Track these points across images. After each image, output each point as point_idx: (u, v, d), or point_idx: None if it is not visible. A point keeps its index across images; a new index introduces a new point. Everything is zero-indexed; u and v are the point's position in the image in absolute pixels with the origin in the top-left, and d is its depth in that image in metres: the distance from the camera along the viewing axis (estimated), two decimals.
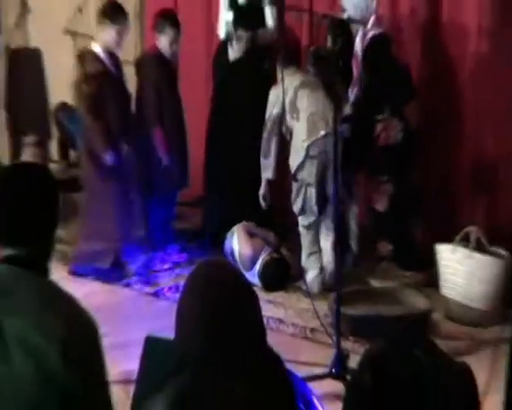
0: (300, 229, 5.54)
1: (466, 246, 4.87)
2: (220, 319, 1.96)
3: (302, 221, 5.53)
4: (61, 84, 8.60)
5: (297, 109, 5.47)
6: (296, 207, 5.52)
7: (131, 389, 2.73)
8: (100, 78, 5.80)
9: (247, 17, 6.12)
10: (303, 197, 5.48)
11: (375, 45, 5.53)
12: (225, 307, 1.97)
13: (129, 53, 7.92)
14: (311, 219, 5.49)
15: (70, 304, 2.20)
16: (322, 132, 5.30)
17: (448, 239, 4.99)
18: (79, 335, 2.13)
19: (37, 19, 8.58)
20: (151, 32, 7.65)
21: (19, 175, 2.32)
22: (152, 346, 2.72)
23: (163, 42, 6.09)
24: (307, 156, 5.40)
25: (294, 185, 5.53)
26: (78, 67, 5.93)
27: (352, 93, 5.62)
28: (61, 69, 8.59)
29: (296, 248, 5.63)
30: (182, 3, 7.51)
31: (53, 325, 2.09)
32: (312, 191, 5.43)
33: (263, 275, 5.54)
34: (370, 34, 5.57)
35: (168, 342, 2.64)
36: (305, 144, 5.41)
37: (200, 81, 7.20)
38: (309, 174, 5.43)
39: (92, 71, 5.80)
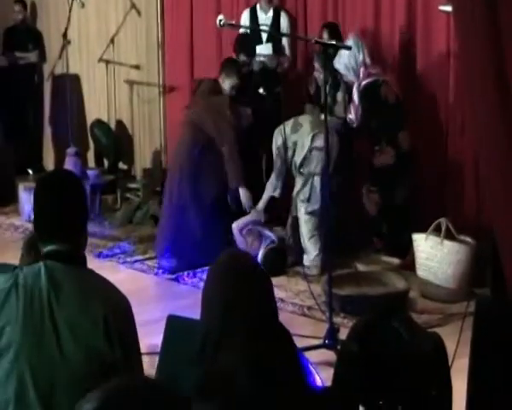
0: (304, 216, 5.44)
1: (438, 235, 4.84)
2: (240, 302, 1.94)
3: (307, 208, 5.43)
4: (95, 104, 8.62)
5: (299, 123, 5.45)
6: (303, 197, 5.42)
7: (155, 360, 2.70)
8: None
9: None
10: (310, 187, 5.40)
11: (368, 94, 5.42)
12: (244, 291, 1.95)
13: (153, 76, 7.96)
14: (316, 206, 5.42)
15: (107, 289, 2.19)
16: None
17: (422, 229, 4.95)
18: (117, 314, 2.12)
19: (76, 49, 8.58)
20: (172, 62, 7.71)
21: (55, 181, 2.31)
22: (173, 324, 2.69)
23: (227, 85, 5.73)
24: (312, 148, 5.33)
25: (300, 178, 5.44)
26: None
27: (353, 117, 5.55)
28: (95, 91, 8.60)
29: (294, 235, 5.57)
30: (196, 38, 7.45)
31: (95, 309, 2.09)
32: (318, 180, 5.37)
33: (264, 265, 5.47)
34: (363, 84, 5.46)
35: (187, 321, 2.62)
36: (310, 136, 5.35)
37: None
38: (315, 165, 5.35)
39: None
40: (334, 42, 4.77)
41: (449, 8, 4.83)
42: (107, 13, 8.34)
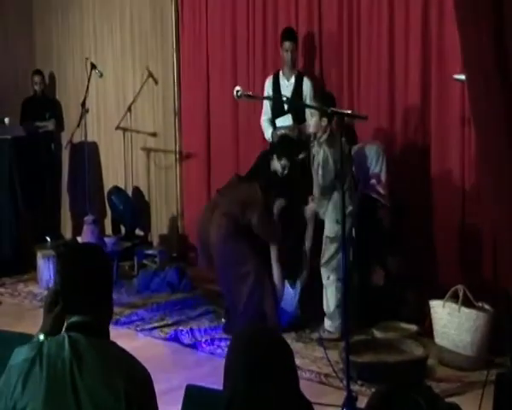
0: (335, 283, 5.41)
1: (455, 302, 4.84)
2: (261, 371, 1.97)
3: (334, 275, 5.41)
4: (113, 171, 8.76)
5: None
6: (331, 267, 5.42)
7: None
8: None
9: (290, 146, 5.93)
10: (338, 257, 5.33)
11: (365, 211, 5.53)
12: (266, 361, 1.99)
13: (169, 143, 8.10)
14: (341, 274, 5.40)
15: (129, 361, 2.24)
16: None
17: (439, 295, 4.96)
18: (139, 387, 2.16)
19: (94, 118, 8.76)
20: (188, 130, 7.85)
21: (81, 254, 2.38)
22: (192, 394, 2.71)
23: (277, 166, 5.75)
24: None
25: (331, 247, 5.42)
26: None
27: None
28: (113, 159, 8.75)
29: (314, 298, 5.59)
30: (213, 106, 7.58)
31: (117, 382, 2.13)
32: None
33: None
34: (365, 193, 5.58)
35: (206, 391, 2.65)
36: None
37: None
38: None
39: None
40: (349, 111, 4.84)
41: (463, 77, 4.92)
42: (125, 82, 8.54)
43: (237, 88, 5.00)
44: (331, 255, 5.42)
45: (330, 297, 5.44)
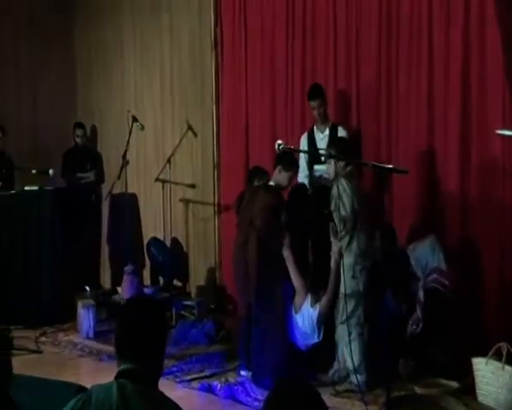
0: (356, 338, 5.37)
1: (498, 359, 4.77)
2: None
3: (355, 332, 5.38)
4: (152, 222, 8.85)
5: None
6: (353, 323, 5.38)
7: None
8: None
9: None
10: (357, 313, 5.38)
11: (433, 300, 5.52)
12: None
13: (208, 195, 8.19)
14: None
15: (174, 409, 2.28)
16: None
17: (482, 352, 4.89)
18: None
19: (134, 169, 8.90)
20: (226, 182, 7.93)
21: (142, 305, 2.48)
22: None
23: (284, 178, 5.76)
24: None
25: (350, 303, 5.35)
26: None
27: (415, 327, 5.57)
28: (152, 210, 8.85)
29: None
30: (252, 159, 7.64)
31: None
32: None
33: None
34: (430, 287, 5.56)
35: None
36: None
37: None
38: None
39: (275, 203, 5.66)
40: (391, 166, 4.85)
41: (507, 133, 4.91)
42: (164, 134, 8.69)
43: (279, 141, 5.06)
44: (351, 312, 5.33)
45: (354, 353, 5.35)
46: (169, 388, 5.37)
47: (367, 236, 5.36)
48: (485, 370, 4.81)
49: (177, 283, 8.35)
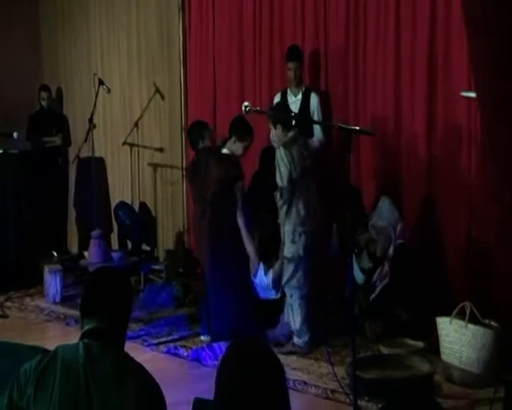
0: (298, 300, 5.51)
1: (462, 319, 4.82)
2: (252, 388, 1.98)
3: (296, 294, 5.50)
4: (119, 187, 8.78)
5: None
6: (293, 286, 5.49)
7: None
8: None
9: None
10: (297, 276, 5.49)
11: (401, 255, 5.61)
12: (256, 377, 2.00)
13: (176, 159, 8.13)
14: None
15: (140, 371, 2.31)
16: None
17: (446, 312, 4.95)
18: (149, 396, 2.23)
19: (101, 133, 8.80)
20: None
21: (106, 270, 2.64)
22: (199, 406, 2.70)
23: (239, 147, 5.77)
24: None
25: (289, 267, 5.50)
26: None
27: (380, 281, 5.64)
28: (120, 174, 8.78)
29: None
30: (219, 122, 7.57)
31: (128, 389, 2.20)
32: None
33: None
34: (399, 242, 5.63)
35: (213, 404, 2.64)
36: None
37: None
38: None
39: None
40: (358, 127, 4.85)
41: (471, 94, 4.93)
42: (132, 97, 8.59)
43: (246, 103, 5.03)
44: (290, 275, 5.47)
45: (296, 315, 5.50)
46: (136, 351, 5.34)
47: (307, 203, 5.44)
48: (448, 329, 4.86)
49: (145, 247, 8.32)
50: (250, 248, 5.73)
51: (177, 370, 5.34)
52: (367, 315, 5.65)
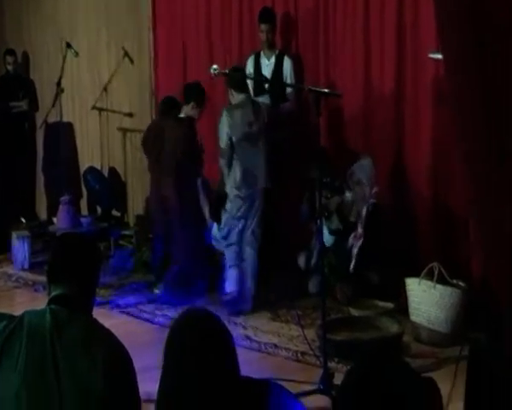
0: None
1: (430, 279, 4.87)
2: (197, 361, 1.97)
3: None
4: (88, 152, 8.67)
5: None
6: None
7: (149, 408, 2.69)
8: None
9: None
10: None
11: (374, 215, 5.61)
12: (201, 352, 1.99)
13: (145, 124, 8.03)
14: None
15: (108, 337, 2.29)
16: None
17: (415, 273, 4.97)
18: (118, 363, 2.22)
19: (69, 97, 8.66)
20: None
21: (72, 235, 2.64)
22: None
23: (197, 113, 6.00)
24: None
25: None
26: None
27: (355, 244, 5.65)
28: (88, 139, 8.66)
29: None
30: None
31: (96, 354, 2.18)
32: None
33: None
34: (371, 203, 5.62)
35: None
36: None
37: None
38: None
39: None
40: (326, 90, 4.82)
41: (438, 56, 4.91)
42: (100, 61, 8.44)
43: (214, 66, 4.98)
44: (226, 235, 5.69)
45: (231, 278, 5.67)
46: (106, 316, 5.32)
47: (245, 168, 5.57)
48: (417, 290, 4.91)
49: (115, 212, 8.25)
50: (205, 209, 6.01)
51: (147, 334, 5.32)
52: (337, 278, 5.67)
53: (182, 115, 5.97)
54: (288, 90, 6.34)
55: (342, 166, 5.93)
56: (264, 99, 6.29)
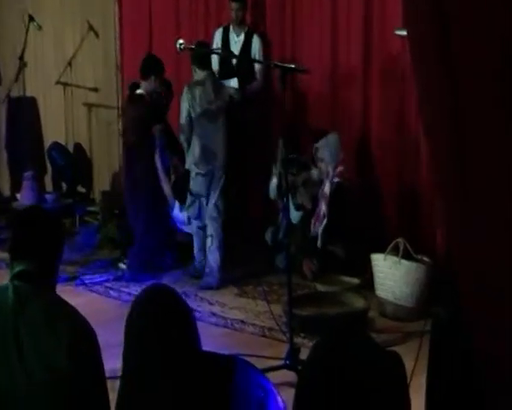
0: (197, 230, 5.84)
1: (395, 255, 4.91)
2: (159, 339, 1.96)
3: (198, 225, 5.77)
4: (53, 127, 8.56)
5: None
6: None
7: (114, 384, 2.68)
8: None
9: None
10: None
11: (338, 194, 5.62)
12: (163, 329, 1.98)
13: (111, 99, 7.95)
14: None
15: (72, 313, 2.26)
16: None
17: (380, 249, 5.01)
18: (82, 339, 2.19)
19: (33, 72, 8.53)
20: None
21: (34, 210, 2.53)
22: None
23: (158, 85, 6.00)
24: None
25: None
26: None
27: (320, 223, 5.66)
28: (53, 114, 8.55)
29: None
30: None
31: (60, 330, 2.15)
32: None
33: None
34: (336, 181, 5.63)
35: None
36: None
37: None
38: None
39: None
40: (292, 65, 4.81)
41: (404, 33, 4.92)
42: (65, 35, 8.33)
43: (180, 41, 4.92)
44: (191, 212, 5.78)
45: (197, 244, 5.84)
46: (71, 293, 5.28)
47: (204, 145, 5.59)
48: (383, 265, 4.94)
49: (80, 189, 8.18)
50: (166, 188, 5.93)
51: (113, 311, 5.29)
52: (304, 254, 5.70)
53: (140, 91, 5.95)
54: (257, 68, 6.31)
55: (310, 143, 5.94)
56: (233, 83, 6.27)
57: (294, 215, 5.84)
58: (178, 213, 5.99)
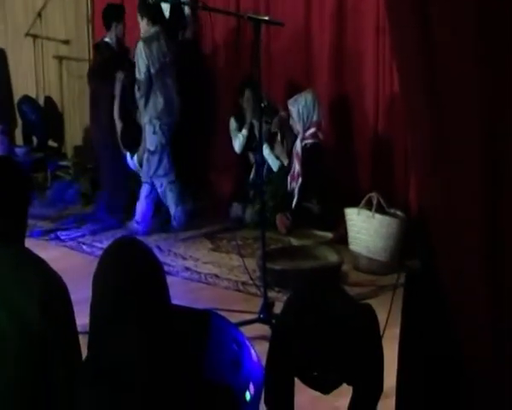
0: (168, 185, 5.87)
1: (369, 209, 4.93)
2: (129, 290, 1.94)
3: (165, 181, 5.84)
4: (23, 80, 8.41)
5: None
6: (160, 175, 5.85)
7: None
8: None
9: None
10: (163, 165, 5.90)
11: (311, 154, 5.61)
12: (133, 280, 1.95)
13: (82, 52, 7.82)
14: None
15: (44, 267, 2.21)
16: None
17: (354, 203, 5.03)
18: (53, 290, 2.14)
19: (1, 23, 8.35)
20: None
21: None
22: None
23: (120, 30, 6.09)
24: None
25: (154, 159, 5.84)
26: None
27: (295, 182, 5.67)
28: (23, 67, 8.39)
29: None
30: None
31: (31, 284, 2.10)
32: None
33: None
34: (309, 142, 5.61)
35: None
36: None
37: None
38: None
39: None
40: (267, 17, 4.73)
41: None
42: None
43: None
44: (156, 167, 5.79)
45: (170, 201, 5.85)
46: (44, 249, 5.26)
47: (166, 98, 5.69)
48: (356, 219, 4.96)
49: (52, 143, 8.07)
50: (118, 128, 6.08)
51: (86, 267, 5.25)
52: (278, 209, 5.70)
53: (106, 39, 6.10)
54: (186, 12, 6.33)
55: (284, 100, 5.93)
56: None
57: (275, 163, 5.95)
58: (129, 160, 6.12)
